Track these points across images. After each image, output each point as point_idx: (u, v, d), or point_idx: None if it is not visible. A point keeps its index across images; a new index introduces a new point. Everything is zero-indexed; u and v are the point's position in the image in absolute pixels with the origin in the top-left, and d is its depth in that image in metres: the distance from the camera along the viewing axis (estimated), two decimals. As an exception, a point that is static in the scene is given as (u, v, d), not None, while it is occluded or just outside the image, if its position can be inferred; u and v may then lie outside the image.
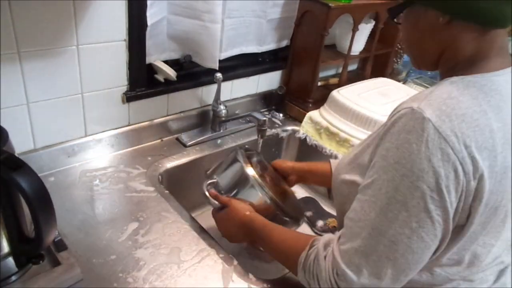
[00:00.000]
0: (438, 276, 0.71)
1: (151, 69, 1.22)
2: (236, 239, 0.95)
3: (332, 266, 0.66)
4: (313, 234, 1.29)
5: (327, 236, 0.73)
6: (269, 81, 1.57)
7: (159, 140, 1.31)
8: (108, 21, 1.04)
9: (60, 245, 0.85)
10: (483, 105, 0.62)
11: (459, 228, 0.65)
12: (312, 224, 1.31)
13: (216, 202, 0.95)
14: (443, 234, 0.62)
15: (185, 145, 1.31)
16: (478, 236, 0.68)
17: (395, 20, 0.77)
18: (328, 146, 1.39)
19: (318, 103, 1.49)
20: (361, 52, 1.65)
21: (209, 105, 1.39)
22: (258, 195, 0.94)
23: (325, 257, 0.68)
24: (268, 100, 1.59)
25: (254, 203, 0.94)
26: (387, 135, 0.63)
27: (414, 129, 0.59)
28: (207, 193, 0.95)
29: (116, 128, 1.20)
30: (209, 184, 0.97)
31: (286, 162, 1.12)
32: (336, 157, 1.35)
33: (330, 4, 1.33)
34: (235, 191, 0.97)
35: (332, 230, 1.29)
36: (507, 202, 0.67)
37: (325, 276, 0.66)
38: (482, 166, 0.59)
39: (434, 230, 0.61)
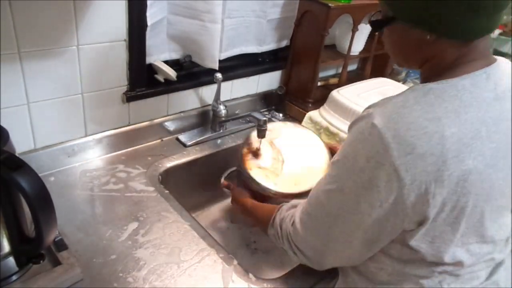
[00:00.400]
0: (422, 269, 0.74)
1: (151, 69, 1.22)
2: (236, 210, 1.14)
3: (291, 220, 0.82)
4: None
5: (294, 201, 0.89)
6: (269, 81, 1.57)
7: (159, 140, 1.31)
8: (108, 21, 1.04)
9: (60, 245, 0.85)
10: (438, 112, 0.64)
11: (417, 230, 0.69)
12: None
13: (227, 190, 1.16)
14: (367, 227, 0.70)
15: (185, 145, 1.31)
16: (452, 238, 0.70)
17: (378, 32, 0.79)
18: (328, 146, 1.39)
19: (318, 103, 1.49)
20: (361, 52, 1.65)
21: (209, 105, 1.39)
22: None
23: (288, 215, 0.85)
24: (268, 100, 1.59)
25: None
26: (349, 131, 0.72)
27: (363, 131, 0.66)
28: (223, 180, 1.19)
29: (116, 128, 1.20)
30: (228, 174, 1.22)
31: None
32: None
33: (330, 4, 1.33)
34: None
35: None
36: (480, 203, 0.69)
37: (285, 228, 0.83)
38: (426, 171, 0.63)
39: (361, 220, 0.69)
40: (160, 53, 1.23)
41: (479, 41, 0.68)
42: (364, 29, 1.56)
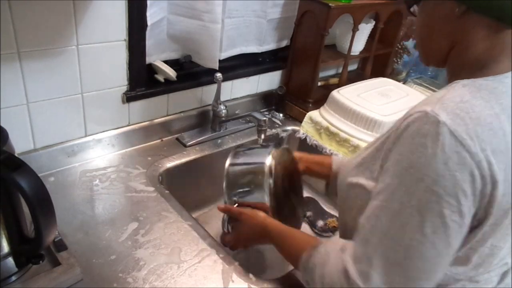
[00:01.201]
0: (444, 276, 0.69)
1: (151, 69, 1.22)
2: (251, 242, 0.96)
3: (343, 271, 0.64)
4: (313, 235, 1.29)
5: (338, 241, 0.72)
6: (269, 81, 1.57)
7: (159, 140, 1.31)
8: (108, 21, 1.04)
9: (60, 245, 0.85)
10: (496, 108, 0.61)
11: (471, 230, 0.64)
12: (312, 224, 1.31)
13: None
14: (457, 242, 0.61)
15: (185, 145, 1.31)
16: (487, 239, 0.67)
17: (411, 10, 0.76)
18: (328, 146, 1.39)
19: (318, 103, 1.49)
20: (361, 52, 1.65)
21: (209, 105, 1.39)
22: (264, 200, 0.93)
23: (334, 260, 0.67)
24: (268, 100, 1.59)
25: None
26: (400, 139, 0.62)
27: (429, 132, 0.58)
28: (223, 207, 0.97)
29: (116, 128, 1.20)
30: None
31: (294, 152, 1.11)
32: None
33: (330, 4, 1.33)
34: (245, 193, 0.97)
35: (332, 230, 1.29)
36: None
37: (335, 279, 0.65)
38: (497, 169, 0.59)
39: (447, 237, 0.59)
40: (160, 53, 1.23)
41: (508, 35, 0.65)
42: (365, 29, 1.56)
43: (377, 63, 1.71)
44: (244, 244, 0.97)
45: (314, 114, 1.46)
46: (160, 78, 1.23)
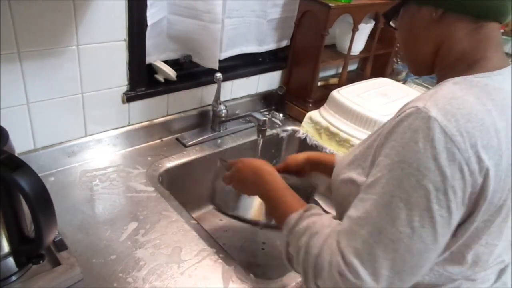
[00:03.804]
0: (441, 276, 0.70)
1: (151, 69, 1.22)
2: (244, 184, 0.90)
3: (332, 260, 0.63)
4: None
5: (332, 222, 0.70)
6: (269, 81, 1.57)
7: (159, 140, 1.31)
8: (108, 21, 1.04)
9: (60, 245, 0.85)
10: (488, 105, 0.62)
11: (460, 225, 0.64)
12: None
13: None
14: (443, 240, 0.62)
15: (185, 145, 1.31)
16: (481, 236, 0.68)
17: (391, 24, 0.78)
18: (328, 146, 1.39)
19: (318, 103, 1.49)
20: (361, 52, 1.65)
21: (209, 105, 1.39)
22: None
23: (328, 239, 0.66)
24: (268, 100, 1.59)
25: None
26: (392, 134, 0.63)
27: (420, 128, 0.59)
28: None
29: (116, 128, 1.20)
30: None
31: (299, 155, 1.08)
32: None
33: (330, 4, 1.33)
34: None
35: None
36: (509, 200, 0.67)
37: (324, 257, 0.64)
38: (488, 165, 0.59)
39: (435, 232, 0.60)
40: (160, 53, 1.23)
41: (490, 29, 0.66)
42: (364, 29, 1.56)
43: (377, 63, 1.71)
44: (237, 182, 0.91)
45: (314, 114, 1.46)
46: (160, 78, 1.23)
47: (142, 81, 1.19)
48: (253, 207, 1.02)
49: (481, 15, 0.65)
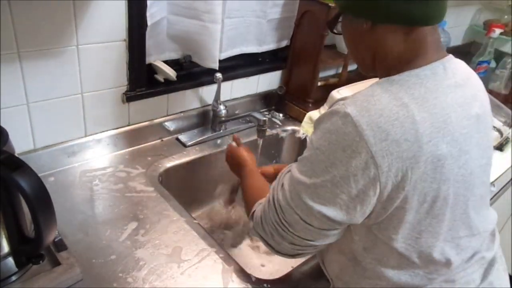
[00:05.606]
0: (416, 276, 0.73)
1: (151, 69, 1.22)
2: (232, 164, 1.10)
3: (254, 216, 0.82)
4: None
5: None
6: (269, 81, 1.57)
7: (159, 140, 1.31)
8: (108, 21, 1.04)
9: (60, 245, 0.85)
10: (405, 99, 0.66)
11: (396, 216, 0.69)
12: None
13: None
14: (344, 219, 0.69)
15: (185, 145, 1.31)
16: (438, 230, 0.70)
17: (335, 31, 0.83)
18: (328, 146, 1.38)
19: (318, 103, 1.49)
20: (361, 52, 1.64)
21: (209, 105, 1.39)
22: None
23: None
24: (268, 100, 1.59)
25: None
26: (317, 126, 0.71)
27: (336, 122, 0.66)
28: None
29: (116, 128, 1.20)
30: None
31: (271, 168, 1.11)
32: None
33: (330, 4, 1.33)
34: None
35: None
36: (462, 191, 0.70)
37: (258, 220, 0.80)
38: (402, 158, 0.64)
39: (334, 211, 0.68)
40: (160, 53, 1.23)
41: (423, 31, 0.70)
42: (364, 29, 1.56)
43: (377, 63, 1.71)
44: (229, 160, 1.11)
45: (314, 114, 1.46)
46: (160, 78, 1.23)
47: (142, 81, 1.19)
48: None
49: (410, 23, 0.69)
